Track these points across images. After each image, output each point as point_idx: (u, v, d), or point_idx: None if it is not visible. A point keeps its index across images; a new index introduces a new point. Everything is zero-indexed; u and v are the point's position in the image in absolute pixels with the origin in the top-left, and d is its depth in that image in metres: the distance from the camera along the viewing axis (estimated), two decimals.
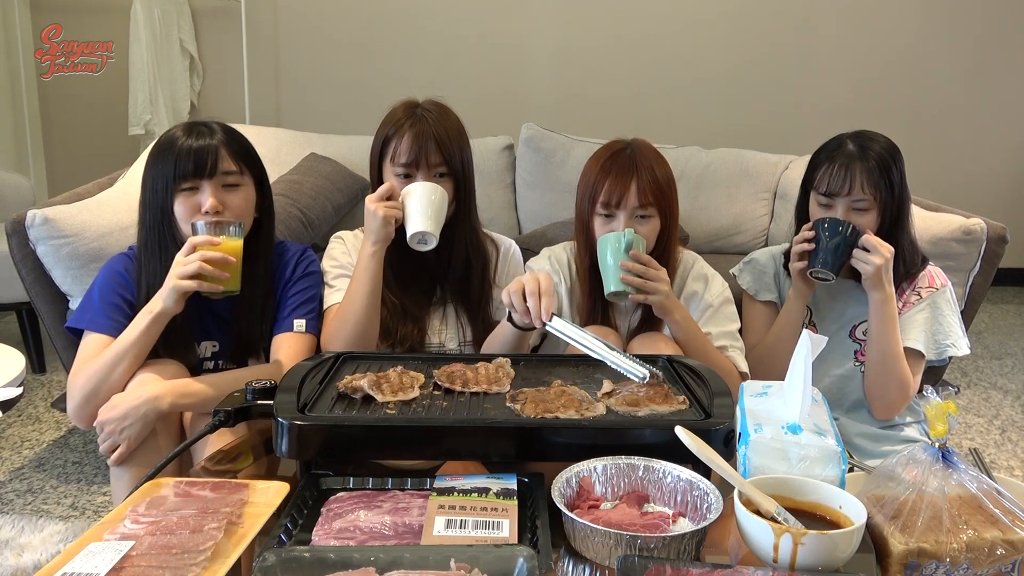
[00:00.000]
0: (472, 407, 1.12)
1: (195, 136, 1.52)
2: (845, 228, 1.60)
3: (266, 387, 1.19)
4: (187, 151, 1.50)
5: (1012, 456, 2.52)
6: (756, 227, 2.83)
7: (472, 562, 0.80)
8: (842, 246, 1.60)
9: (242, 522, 0.93)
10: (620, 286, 1.52)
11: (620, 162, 1.60)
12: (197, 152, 1.50)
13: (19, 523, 1.97)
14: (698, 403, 1.15)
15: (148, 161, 1.55)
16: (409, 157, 1.60)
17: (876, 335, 1.64)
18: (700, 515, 0.97)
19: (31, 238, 2.01)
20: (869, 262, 1.57)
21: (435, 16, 4.29)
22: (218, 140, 1.53)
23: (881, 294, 1.60)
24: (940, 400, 0.98)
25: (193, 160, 1.49)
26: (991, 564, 0.89)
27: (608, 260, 1.54)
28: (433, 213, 1.53)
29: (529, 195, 2.93)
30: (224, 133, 1.56)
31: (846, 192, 1.62)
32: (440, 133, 1.61)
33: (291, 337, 1.58)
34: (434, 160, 1.60)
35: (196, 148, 1.51)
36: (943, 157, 4.34)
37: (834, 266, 1.61)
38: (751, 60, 4.32)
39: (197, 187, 1.51)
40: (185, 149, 1.50)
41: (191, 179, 1.50)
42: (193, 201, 1.50)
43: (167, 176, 1.50)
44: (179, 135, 1.53)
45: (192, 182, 1.50)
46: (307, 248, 1.72)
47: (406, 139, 1.60)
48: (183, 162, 1.49)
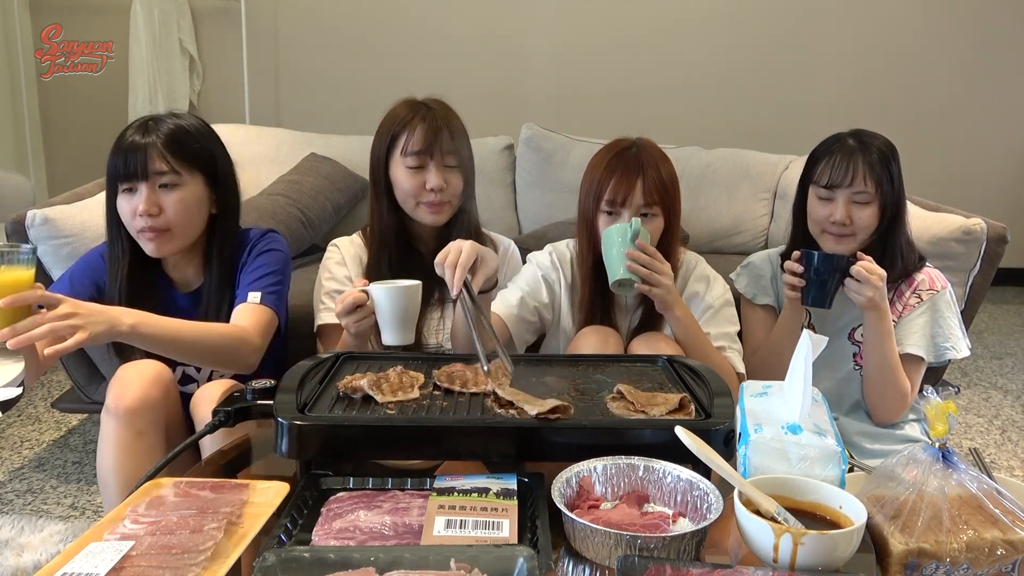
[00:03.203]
0: (472, 407, 1.12)
1: (138, 133, 1.50)
2: (834, 262, 1.58)
3: (266, 387, 1.19)
4: (123, 149, 1.49)
5: (1012, 456, 2.52)
6: (756, 227, 2.83)
7: (472, 562, 0.80)
8: (832, 280, 1.59)
9: (242, 522, 0.93)
10: (626, 274, 1.51)
11: (626, 161, 1.60)
12: (129, 151, 1.49)
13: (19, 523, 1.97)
14: (698, 403, 1.15)
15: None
16: (423, 146, 1.60)
17: (872, 349, 1.64)
18: (700, 515, 0.97)
19: (31, 238, 2.01)
20: (861, 293, 1.57)
21: (435, 16, 4.29)
22: (154, 138, 1.50)
23: (876, 313, 1.60)
24: (940, 400, 0.98)
25: (124, 160, 1.48)
26: (991, 564, 0.89)
27: (614, 249, 1.54)
28: (407, 318, 1.41)
29: (529, 195, 2.93)
30: (167, 131, 1.52)
31: (848, 183, 1.62)
32: (450, 125, 1.63)
33: (247, 307, 1.54)
34: (446, 148, 1.61)
35: (128, 147, 1.49)
36: (943, 157, 4.34)
37: (826, 301, 1.60)
38: (751, 60, 4.32)
39: (134, 188, 1.50)
40: (124, 147, 1.49)
41: (128, 180, 1.49)
42: (133, 202, 1.50)
43: (112, 174, 1.50)
44: (127, 132, 1.51)
45: (130, 183, 1.49)
46: (269, 231, 1.69)
47: (418, 130, 1.60)
48: (119, 161, 1.49)
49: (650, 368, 1.33)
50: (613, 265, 1.54)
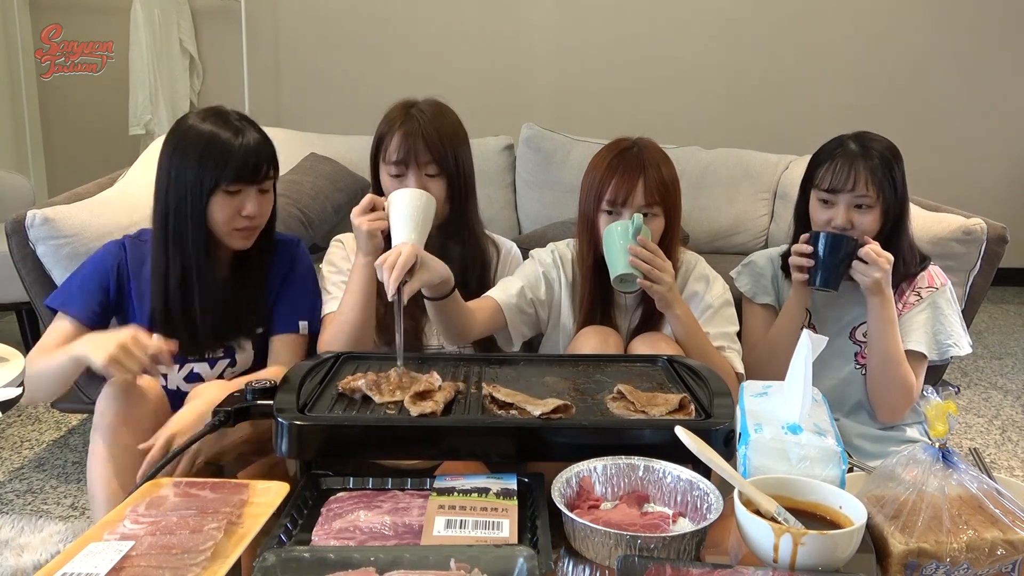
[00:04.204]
0: (472, 407, 1.12)
1: (239, 134, 1.47)
2: (844, 243, 1.58)
3: (266, 387, 1.19)
4: (240, 152, 1.46)
5: (1012, 456, 2.52)
6: (756, 227, 2.83)
7: (472, 562, 0.80)
8: (841, 262, 1.59)
9: (242, 522, 0.93)
10: (628, 268, 1.51)
11: (627, 160, 1.60)
12: (248, 154, 1.46)
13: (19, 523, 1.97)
14: (698, 403, 1.15)
15: (177, 149, 1.48)
16: (399, 156, 1.59)
17: (877, 339, 1.64)
18: (700, 515, 0.97)
19: (31, 238, 2.01)
20: (868, 275, 1.57)
21: (435, 16, 4.28)
22: (262, 140, 1.50)
23: (880, 298, 1.60)
24: (940, 400, 0.98)
25: (240, 162, 1.45)
26: (991, 564, 0.89)
27: (616, 245, 1.53)
28: (416, 221, 1.48)
29: (529, 195, 2.93)
30: (261, 132, 1.52)
31: (849, 188, 1.61)
32: (430, 133, 1.59)
33: (294, 341, 1.59)
34: (423, 159, 1.59)
35: (247, 150, 1.46)
36: (943, 157, 4.34)
37: (834, 283, 1.60)
38: (751, 60, 4.32)
39: (240, 190, 1.48)
40: (239, 150, 1.46)
41: (239, 183, 1.47)
42: (234, 204, 1.48)
43: (211, 175, 1.45)
44: (220, 131, 1.46)
45: (239, 186, 1.47)
46: (298, 241, 1.70)
47: (396, 138, 1.60)
48: (229, 167, 1.45)
49: (650, 368, 1.33)
50: (615, 261, 1.54)
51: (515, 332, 1.66)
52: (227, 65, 4.27)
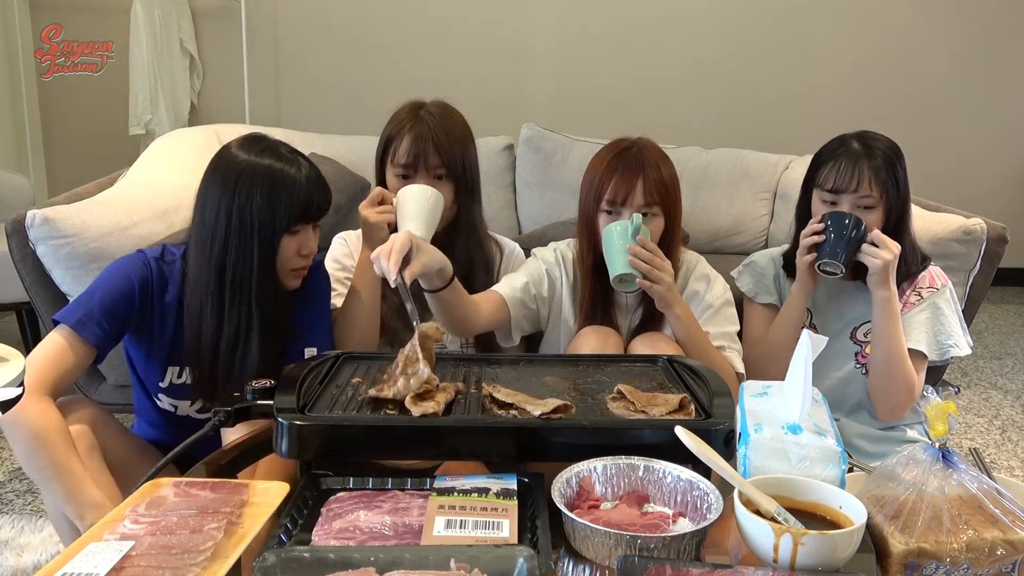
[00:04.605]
0: (472, 407, 1.12)
1: (299, 168, 1.40)
2: (855, 222, 1.59)
3: (266, 387, 1.19)
4: (306, 188, 1.40)
5: (1012, 456, 2.52)
6: (756, 227, 2.84)
7: (472, 562, 0.80)
8: (851, 240, 1.58)
9: (242, 522, 0.93)
10: (628, 268, 1.51)
11: (626, 160, 1.60)
12: (313, 189, 1.40)
13: (19, 523, 1.98)
14: (698, 403, 1.15)
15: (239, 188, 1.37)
16: (408, 159, 1.60)
17: (880, 334, 1.64)
18: (700, 515, 0.97)
19: (31, 238, 2.01)
20: (878, 256, 1.57)
21: (435, 16, 4.29)
22: (318, 172, 1.43)
23: (886, 292, 1.60)
24: (940, 400, 0.98)
25: (307, 198, 1.40)
26: (991, 564, 0.89)
27: (615, 245, 1.53)
28: (424, 217, 1.50)
29: (529, 195, 2.93)
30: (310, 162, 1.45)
31: (853, 188, 1.61)
32: (439, 136, 1.60)
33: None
34: (432, 162, 1.60)
35: (312, 185, 1.40)
36: (943, 157, 4.34)
37: (843, 259, 1.59)
38: (751, 59, 4.32)
39: (300, 229, 1.42)
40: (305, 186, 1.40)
41: (305, 220, 1.41)
42: (295, 244, 1.42)
43: (283, 215, 1.37)
44: (285, 166, 1.39)
45: (301, 224, 1.42)
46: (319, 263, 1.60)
47: (405, 141, 1.60)
48: (301, 206, 1.39)
49: (650, 368, 1.33)
50: (614, 260, 1.54)
51: (515, 326, 1.67)
52: (227, 65, 4.28)
